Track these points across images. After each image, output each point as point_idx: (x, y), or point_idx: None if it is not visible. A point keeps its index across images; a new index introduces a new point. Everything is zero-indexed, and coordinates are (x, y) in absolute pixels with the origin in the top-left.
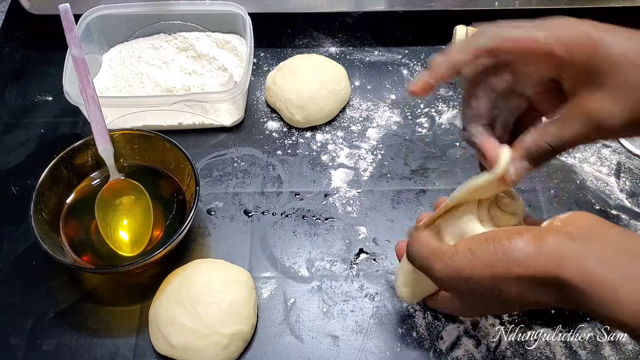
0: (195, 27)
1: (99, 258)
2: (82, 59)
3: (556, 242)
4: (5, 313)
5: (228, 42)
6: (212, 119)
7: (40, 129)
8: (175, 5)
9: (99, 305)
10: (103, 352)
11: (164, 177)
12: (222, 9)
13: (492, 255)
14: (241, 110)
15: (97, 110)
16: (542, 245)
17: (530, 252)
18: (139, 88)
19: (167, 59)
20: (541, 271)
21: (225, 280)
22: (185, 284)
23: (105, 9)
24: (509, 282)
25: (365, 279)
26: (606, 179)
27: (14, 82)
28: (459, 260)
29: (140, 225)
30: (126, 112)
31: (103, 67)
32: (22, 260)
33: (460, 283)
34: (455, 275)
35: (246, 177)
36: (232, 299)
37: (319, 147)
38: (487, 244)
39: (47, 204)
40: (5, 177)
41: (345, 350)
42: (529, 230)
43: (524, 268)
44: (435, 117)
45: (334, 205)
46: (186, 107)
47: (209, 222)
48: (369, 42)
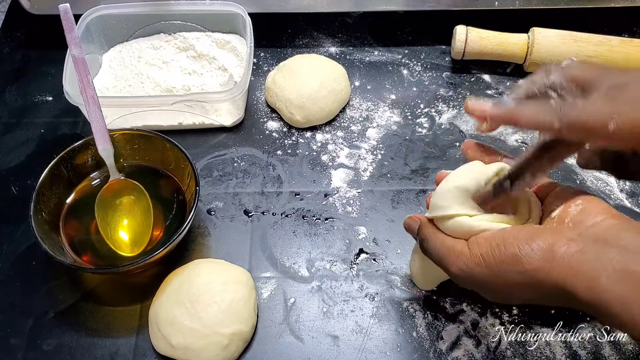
0: (195, 27)
1: (99, 258)
2: (82, 59)
3: (567, 254)
4: (5, 313)
5: (228, 42)
6: (212, 119)
7: (40, 129)
8: (175, 5)
9: (99, 305)
10: (103, 352)
11: (164, 177)
12: (222, 9)
13: (503, 265)
14: (241, 110)
15: (97, 110)
16: (552, 257)
17: (541, 265)
18: (139, 88)
19: (167, 59)
20: (552, 285)
21: (225, 280)
22: (185, 284)
23: (105, 9)
24: (520, 289)
25: (365, 279)
26: (606, 179)
27: (14, 82)
28: (474, 267)
29: (140, 225)
30: (126, 112)
31: (103, 67)
32: (22, 260)
33: (476, 286)
34: (471, 280)
35: (246, 177)
36: (232, 299)
37: (319, 147)
38: (497, 251)
39: (47, 204)
40: (5, 177)
41: (345, 350)
42: (539, 235)
43: (536, 281)
44: (435, 117)
45: (334, 205)
46: (186, 107)
47: (209, 222)
48: (369, 42)
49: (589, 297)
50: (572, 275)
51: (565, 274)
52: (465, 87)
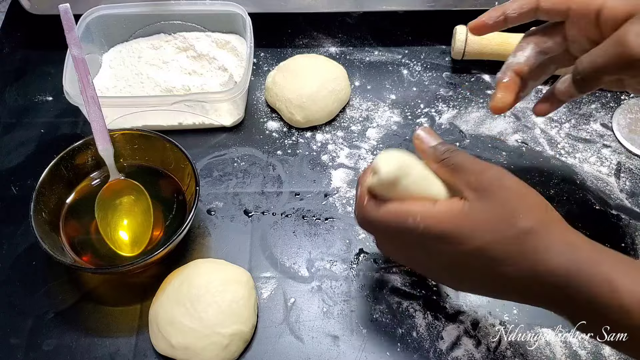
0: (195, 27)
1: (99, 258)
2: (82, 58)
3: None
4: (5, 313)
5: (228, 42)
6: (212, 119)
7: (40, 129)
8: (175, 5)
9: (99, 306)
10: (103, 352)
11: (164, 177)
12: (222, 9)
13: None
14: (241, 110)
15: (97, 110)
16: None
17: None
18: (138, 88)
19: (167, 59)
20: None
21: (225, 280)
22: (185, 284)
23: (105, 9)
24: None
25: (365, 279)
26: (606, 179)
27: (14, 82)
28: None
29: (140, 225)
30: (126, 112)
31: (103, 67)
32: (22, 261)
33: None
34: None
35: (246, 177)
36: (232, 298)
37: (319, 147)
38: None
39: (47, 204)
40: (5, 177)
41: (345, 350)
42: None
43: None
44: (436, 117)
45: (334, 205)
46: (186, 107)
47: (209, 222)
48: (369, 42)
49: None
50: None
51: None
52: (465, 87)
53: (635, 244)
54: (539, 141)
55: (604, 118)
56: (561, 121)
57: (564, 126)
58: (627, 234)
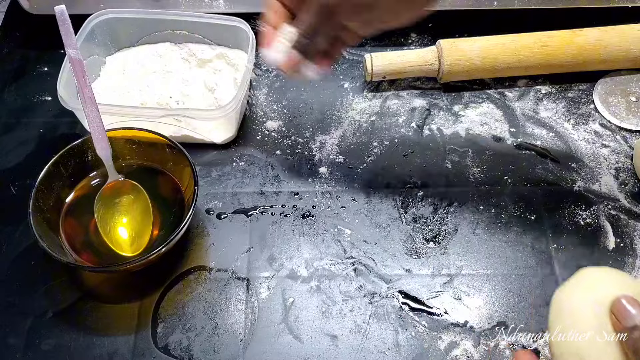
0: (201, 39)
1: (98, 257)
2: (78, 60)
3: None
4: (4, 313)
5: (232, 57)
6: (202, 135)
7: (39, 129)
8: (182, 16)
9: (98, 305)
10: (102, 352)
11: (163, 177)
12: (227, 23)
13: None
14: (234, 128)
15: (95, 111)
16: None
17: None
18: (137, 95)
19: (169, 69)
20: None
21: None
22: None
23: (112, 13)
24: None
25: (364, 279)
26: (606, 179)
27: (13, 82)
28: None
29: (140, 224)
30: (113, 121)
31: (104, 72)
32: (21, 260)
33: None
34: None
35: (245, 176)
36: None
37: (318, 146)
38: None
39: (46, 203)
40: (5, 176)
41: (344, 350)
42: None
43: None
44: (434, 117)
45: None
46: (175, 121)
47: (208, 221)
48: (369, 42)
49: None
50: None
51: None
52: (464, 88)
53: (635, 244)
54: (536, 143)
55: (604, 118)
56: (560, 121)
57: (564, 126)
58: (627, 234)
